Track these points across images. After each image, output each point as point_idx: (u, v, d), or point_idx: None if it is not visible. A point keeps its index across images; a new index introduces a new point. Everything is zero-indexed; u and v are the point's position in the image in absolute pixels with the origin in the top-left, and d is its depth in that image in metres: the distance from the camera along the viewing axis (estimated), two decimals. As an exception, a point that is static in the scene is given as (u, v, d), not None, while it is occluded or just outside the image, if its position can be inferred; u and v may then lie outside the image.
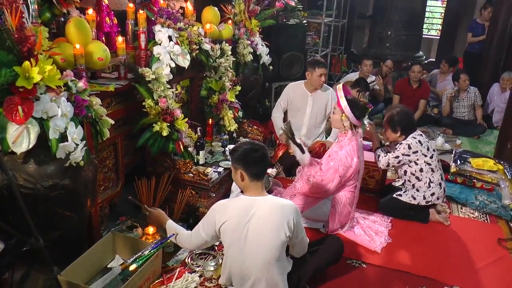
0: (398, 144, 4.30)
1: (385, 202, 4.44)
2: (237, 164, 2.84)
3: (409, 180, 4.34)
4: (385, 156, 4.34)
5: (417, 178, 4.30)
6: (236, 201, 2.88)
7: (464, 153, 5.73)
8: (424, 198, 4.29)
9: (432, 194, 4.29)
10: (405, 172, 4.34)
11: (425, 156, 4.22)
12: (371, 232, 4.05)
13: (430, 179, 4.28)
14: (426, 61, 10.81)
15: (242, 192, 2.94)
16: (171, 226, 3.25)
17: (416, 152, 4.21)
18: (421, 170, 4.26)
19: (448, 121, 7.42)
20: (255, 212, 2.74)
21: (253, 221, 2.73)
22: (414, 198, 4.30)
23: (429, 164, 4.25)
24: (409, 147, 4.21)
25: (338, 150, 3.87)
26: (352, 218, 4.10)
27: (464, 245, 4.04)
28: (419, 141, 4.23)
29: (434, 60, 11.08)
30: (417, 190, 4.32)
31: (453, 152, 5.84)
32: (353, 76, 7.64)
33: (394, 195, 4.38)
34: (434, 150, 4.32)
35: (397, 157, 4.27)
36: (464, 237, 4.17)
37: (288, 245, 2.93)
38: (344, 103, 3.82)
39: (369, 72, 7.81)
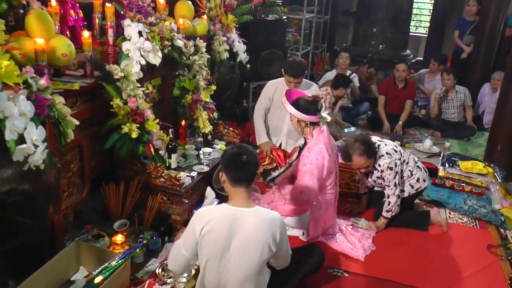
0: (378, 173, 4.24)
1: (378, 213, 4.43)
2: (222, 167, 2.80)
3: (399, 184, 4.35)
4: (391, 202, 4.27)
5: (401, 177, 4.36)
6: (218, 209, 2.79)
7: (452, 156, 5.80)
8: (412, 186, 4.38)
9: (418, 180, 4.38)
10: None
11: (401, 159, 4.29)
12: (353, 239, 4.08)
13: (409, 170, 4.37)
14: (413, 60, 10.91)
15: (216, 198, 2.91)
16: None
17: (397, 165, 4.23)
18: (402, 171, 4.34)
19: (436, 123, 7.50)
20: (240, 227, 2.67)
21: (237, 237, 2.66)
22: (403, 191, 4.36)
23: (405, 161, 4.35)
24: (391, 168, 4.19)
25: (308, 153, 3.89)
26: (334, 224, 4.13)
27: (452, 252, 4.10)
28: (389, 153, 4.22)
29: (422, 59, 11.18)
30: (401, 183, 4.37)
31: (442, 155, 5.92)
32: (331, 75, 7.67)
33: (384, 201, 4.40)
34: (396, 146, 4.37)
35: (395, 185, 4.23)
36: (452, 244, 4.23)
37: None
38: (290, 109, 3.88)
39: (345, 65, 7.84)
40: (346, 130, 7.12)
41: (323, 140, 3.89)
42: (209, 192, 4.19)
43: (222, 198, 4.20)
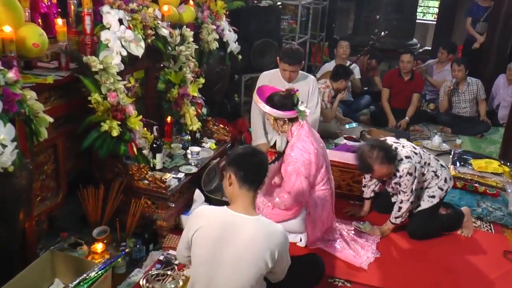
0: (397, 179, 4.19)
1: (416, 228, 4.35)
2: (230, 166, 2.76)
3: (415, 189, 4.32)
4: (403, 208, 4.24)
5: (423, 181, 4.34)
6: (217, 210, 2.77)
7: (464, 154, 5.81)
8: (441, 189, 4.33)
9: (445, 180, 4.34)
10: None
11: (421, 161, 4.24)
12: (356, 245, 4.07)
13: (433, 171, 4.32)
14: (420, 50, 10.92)
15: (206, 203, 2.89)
16: None
17: (417, 169, 4.18)
18: (423, 174, 4.31)
19: (446, 118, 7.50)
20: (236, 235, 2.63)
21: (232, 246, 2.62)
22: (434, 197, 4.33)
23: (426, 163, 4.30)
24: (411, 174, 4.14)
25: (291, 152, 3.88)
26: (334, 227, 4.12)
27: (465, 259, 4.10)
28: (408, 156, 4.16)
29: (429, 48, 11.19)
30: (429, 188, 4.35)
31: (452, 153, 5.92)
32: (329, 66, 7.69)
33: (416, 212, 4.38)
34: (415, 147, 4.33)
35: (412, 192, 4.19)
36: (465, 250, 4.23)
37: None
38: (265, 108, 3.88)
39: (346, 55, 7.85)
40: (347, 126, 7.14)
41: (305, 135, 3.88)
42: (198, 195, 4.17)
43: (212, 201, 4.18)
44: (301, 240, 4.08)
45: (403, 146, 4.24)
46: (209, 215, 2.73)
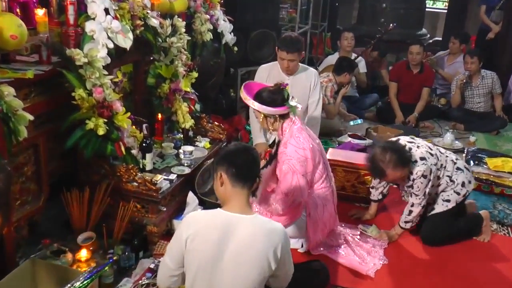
0: (410, 182, 4.18)
1: (429, 232, 4.35)
2: (220, 165, 2.76)
3: (429, 192, 4.30)
4: (413, 212, 4.23)
5: (438, 185, 4.33)
6: (209, 213, 2.77)
7: (478, 152, 5.80)
8: (458, 193, 4.30)
9: (463, 184, 4.30)
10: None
11: (437, 163, 4.22)
12: (362, 251, 4.07)
13: (448, 176, 4.29)
14: (430, 41, 10.92)
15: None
16: None
17: (432, 171, 4.16)
18: (438, 177, 4.29)
19: (458, 114, 7.51)
20: (235, 235, 2.62)
21: (231, 248, 2.61)
22: (449, 201, 4.31)
23: (442, 165, 4.28)
24: (425, 176, 4.12)
25: (284, 149, 3.88)
26: (338, 230, 4.12)
27: (480, 265, 4.09)
28: (423, 158, 4.13)
29: (440, 39, 11.19)
30: (444, 191, 4.33)
31: (465, 151, 5.91)
32: (332, 59, 7.70)
33: (429, 215, 4.37)
34: (431, 147, 4.30)
35: (424, 195, 4.18)
36: (480, 255, 4.23)
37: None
38: (253, 105, 3.87)
39: (350, 47, 7.85)
40: (351, 123, 7.14)
41: (298, 130, 3.89)
42: (191, 198, 4.17)
43: (206, 204, 4.17)
44: (302, 246, 4.08)
45: (417, 146, 4.21)
46: (203, 218, 2.72)
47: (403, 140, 4.31)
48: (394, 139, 4.41)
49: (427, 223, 4.35)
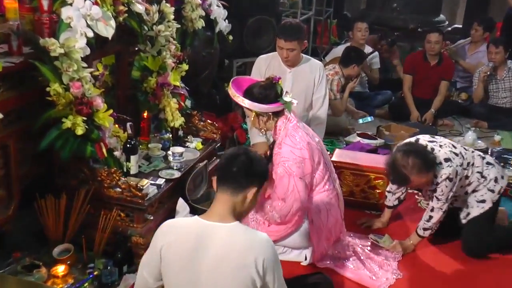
0: (433, 186, 4.16)
1: (473, 240, 4.32)
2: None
3: (458, 195, 4.32)
4: (434, 218, 4.20)
5: (467, 185, 4.31)
6: (186, 221, 2.79)
7: (504, 152, 5.82)
8: (492, 190, 4.28)
9: (496, 180, 4.28)
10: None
11: (463, 163, 4.19)
12: (373, 264, 4.07)
13: (478, 172, 4.27)
14: (449, 28, 10.92)
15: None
16: None
17: (458, 173, 4.14)
18: (467, 176, 4.28)
19: (481, 110, 7.51)
20: (210, 247, 2.60)
21: (207, 261, 2.59)
22: (484, 201, 4.28)
23: (469, 163, 4.26)
24: (451, 179, 4.10)
25: (279, 150, 3.89)
26: (346, 243, 4.11)
27: (507, 278, 4.08)
28: (448, 159, 4.10)
29: (460, 26, 11.19)
30: (476, 191, 4.31)
31: (489, 151, 5.91)
32: (342, 49, 7.65)
33: (466, 222, 4.34)
34: (454, 146, 4.28)
35: (447, 199, 4.15)
36: (506, 268, 4.21)
37: None
38: (244, 102, 3.88)
39: (364, 39, 7.83)
40: (360, 121, 7.14)
41: (293, 128, 3.90)
42: (181, 205, 4.17)
43: (198, 213, 4.17)
44: (306, 258, 4.07)
45: (440, 146, 4.19)
46: (179, 226, 2.74)
47: (423, 140, 4.28)
48: (412, 139, 4.37)
49: (467, 233, 4.33)
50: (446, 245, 4.42)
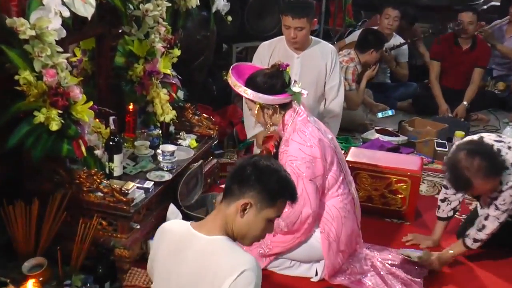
0: (496, 193, 4.09)
1: None
2: None
3: None
4: (488, 228, 4.14)
5: None
6: (179, 227, 2.76)
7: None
8: None
9: None
10: None
11: None
12: (395, 282, 4.06)
13: None
14: (485, 7, 10.90)
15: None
16: None
17: None
18: None
19: (522, 102, 7.51)
20: (183, 260, 2.59)
21: (180, 275, 2.59)
22: None
23: None
24: None
25: (286, 148, 3.90)
26: (364, 256, 4.11)
27: None
28: None
29: (498, 3, 11.17)
30: None
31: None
32: (361, 34, 7.67)
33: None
34: None
35: (507, 210, 4.09)
36: None
37: None
38: (246, 92, 3.89)
39: (391, 29, 7.77)
40: (380, 115, 7.14)
41: (302, 123, 3.90)
42: (173, 212, 4.18)
43: (191, 220, 4.17)
44: (316, 273, 4.07)
45: (509, 148, 4.10)
46: (167, 230, 2.77)
47: (488, 138, 4.19)
48: (475, 137, 4.29)
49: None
50: (485, 261, 4.39)
